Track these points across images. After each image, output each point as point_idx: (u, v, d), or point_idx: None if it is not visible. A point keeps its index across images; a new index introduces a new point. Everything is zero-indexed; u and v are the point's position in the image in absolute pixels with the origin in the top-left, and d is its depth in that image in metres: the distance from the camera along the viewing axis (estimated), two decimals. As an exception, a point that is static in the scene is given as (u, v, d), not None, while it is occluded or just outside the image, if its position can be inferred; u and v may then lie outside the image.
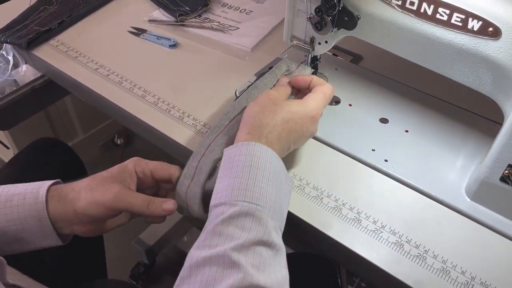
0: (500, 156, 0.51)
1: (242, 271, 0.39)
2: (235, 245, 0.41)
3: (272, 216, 0.45)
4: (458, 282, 0.49)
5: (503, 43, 0.46)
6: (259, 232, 0.43)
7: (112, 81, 0.73)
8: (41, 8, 0.88)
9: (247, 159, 0.48)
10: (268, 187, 0.46)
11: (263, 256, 0.42)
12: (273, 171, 0.48)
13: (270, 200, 0.46)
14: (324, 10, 0.55)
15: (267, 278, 0.41)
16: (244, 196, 0.45)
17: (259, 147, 0.49)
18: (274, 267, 0.42)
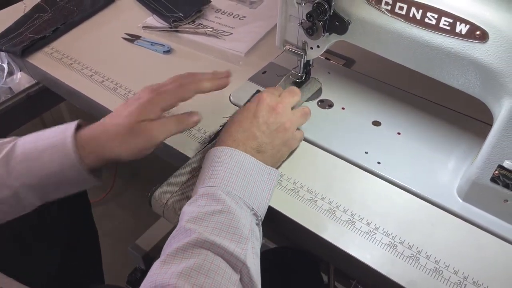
0: (490, 157, 0.52)
1: (194, 232, 0.44)
2: (189, 217, 0.46)
3: (227, 192, 0.49)
4: (450, 282, 0.50)
5: (490, 46, 0.47)
6: (213, 205, 0.48)
7: (107, 88, 0.74)
8: (36, 15, 0.88)
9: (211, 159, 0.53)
10: (225, 173, 0.51)
11: (219, 221, 0.46)
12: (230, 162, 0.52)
13: (226, 181, 0.50)
14: (315, 15, 0.56)
15: (220, 238, 0.45)
16: (203, 183, 0.51)
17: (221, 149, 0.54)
18: (235, 227, 0.46)
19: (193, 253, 0.43)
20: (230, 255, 0.44)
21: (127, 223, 1.48)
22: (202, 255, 0.43)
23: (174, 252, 0.43)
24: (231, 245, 0.45)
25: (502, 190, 0.53)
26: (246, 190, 0.51)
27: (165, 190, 0.56)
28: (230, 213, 0.47)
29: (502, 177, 0.52)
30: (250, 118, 0.57)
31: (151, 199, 0.56)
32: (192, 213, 0.47)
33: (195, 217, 0.46)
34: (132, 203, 1.54)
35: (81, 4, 0.93)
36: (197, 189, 0.51)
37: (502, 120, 0.49)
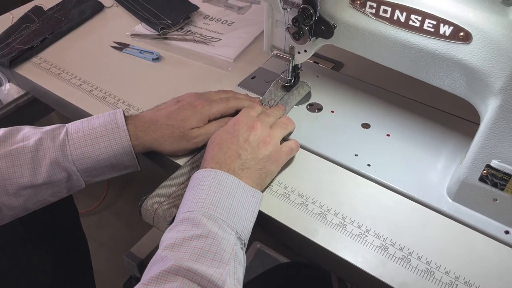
0: (477, 156, 0.52)
1: (171, 260, 0.43)
2: (167, 244, 0.46)
3: (209, 216, 0.49)
4: (442, 283, 0.50)
5: (474, 47, 0.48)
6: (192, 230, 0.47)
7: (96, 97, 0.74)
8: (23, 26, 0.88)
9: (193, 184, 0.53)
10: (204, 195, 0.50)
11: (197, 246, 0.45)
12: (212, 184, 0.52)
13: (207, 203, 0.49)
14: (301, 20, 0.57)
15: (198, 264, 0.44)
16: (183, 208, 0.50)
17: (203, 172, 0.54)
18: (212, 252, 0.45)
19: (167, 280, 0.42)
20: (207, 281, 0.42)
21: (121, 232, 1.47)
22: (177, 282, 0.42)
23: (147, 281, 0.42)
24: (209, 270, 0.43)
25: (491, 189, 0.53)
26: (230, 213, 0.50)
27: (154, 199, 0.56)
28: (209, 238, 0.46)
29: (491, 176, 0.52)
30: (229, 138, 0.57)
31: (141, 209, 0.56)
32: (170, 239, 0.46)
33: (172, 244, 0.45)
34: (125, 212, 1.53)
35: (69, 14, 0.92)
36: (179, 215, 0.51)
37: (488, 120, 0.50)
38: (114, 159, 0.58)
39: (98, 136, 0.57)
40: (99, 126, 0.58)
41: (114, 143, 0.57)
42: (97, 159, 0.58)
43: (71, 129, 0.58)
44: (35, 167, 0.56)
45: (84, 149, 0.57)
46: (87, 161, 0.57)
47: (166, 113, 0.61)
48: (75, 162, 0.57)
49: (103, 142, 0.57)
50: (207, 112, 0.62)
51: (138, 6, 0.94)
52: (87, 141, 0.57)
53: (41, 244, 0.76)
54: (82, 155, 0.57)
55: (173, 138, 0.60)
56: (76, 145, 0.57)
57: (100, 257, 1.14)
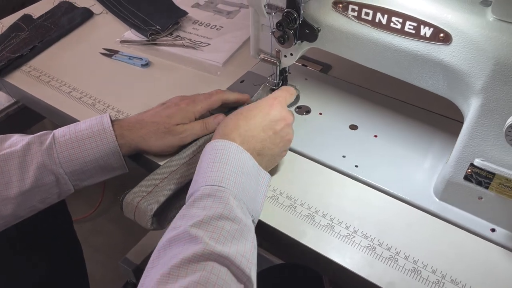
0: (461, 155, 0.53)
1: (200, 242, 0.42)
2: (194, 222, 0.44)
3: (235, 196, 0.48)
4: (429, 281, 0.50)
5: (454, 48, 0.48)
6: (219, 209, 0.46)
7: (85, 103, 0.74)
8: (13, 35, 0.88)
9: (214, 154, 0.52)
10: (231, 172, 0.50)
11: (225, 229, 0.45)
12: (237, 162, 0.51)
13: (233, 182, 0.49)
14: (285, 24, 0.57)
15: (227, 248, 0.43)
16: (206, 182, 0.49)
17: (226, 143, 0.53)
18: (237, 238, 0.45)
19: (199, 265, 0.42)
20: (236, 268, 0.43)
21: (116, 237, 1.47)
22: (209, 267, 0.42)
23: (179, 263, 0.42)
24: (238, 258, 0.43)
25: (476, 188, 0.53)
26: (249, 195, 0.50)
27: (136, 193, 0.56)
28: (235, 223, 0.46)
29: (475, 175, 0.53)
30: (261, 117, 0.57)
31: (122, 203, 0.56)
32: (197, 216, 0.45)
33: (200, 221, 0.45)
34: (121, 218, 1.51)
35: (58, 21, 0.93)
36: (200, 187, 0.49)
37: (470, 120, 0.50)
38: (101, 160, 0.59)
39: (84, 138, 0.58)
40: (86, 129, 0.58)
41: (100, 144, 0.58)
42: (84, 161, 0.58)
43: (57, 133, 0.58)
44: (22, 172, 0.56)
45: (71, 151, 0.57)
46: (74, 163, 0.58)
47: (152, 112, 0.63)
48: (62, 164, 0.57)
49: (90, 144, 0.58)
50: (192, 110, 0.63)
51: (128, 12, 0.95)
52: (74, 143, 0.57)
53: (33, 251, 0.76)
54: (69, 157, 0.57)
55: (158, 134, 0.61)
56: (63, 147, 0.57)
57: (96, 263, 1.14)
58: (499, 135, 0.48)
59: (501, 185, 0.51)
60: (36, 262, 0.76)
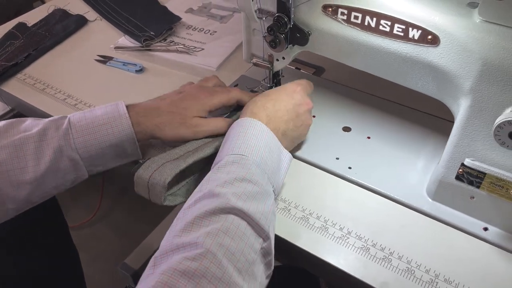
0: (453, 156, 0.53)
1: (223, 197, 0.46)
2: (218, 183, 0.48)
3: (257, 165, 0.52)
4: (422, 281, 0.51)
5: (442, 49, 0.49)
6: (242, 173, 0.50)
7: (80, 110, 0.74)
8: (8, 43, 0.89)
9: (240, 129, 0.56)
10: (255, 146, 0.53)
11: (247, 189, 0.48)
12: (262, 138, 0.55)
13: (256, 154, 0.53)
14: (276, 28, 0.58)
15: (248, 205, 0.47)
16: (231, 151, 0.53)
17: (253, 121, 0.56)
18: (258, 199, 0.48)
19: (221, 217, 0.45)
20: (256, 224, 0.46)
21: (115, 243, 1.47)
22: (230, 219, 0.45)
23: (202, 214, 0.44)
24: (257, 215, 0.46)
25: (468, 187, 0.54)
26: (271, 167, 0.54)
27: (147, 167, 0.57)
28: (257, 185, 0.49)
29: (466, 174, 0.53)
30: (286, 100, 0.61)
31: (135, 177, 0.57)
32: (221, 178, 0.49)
33: (224, 181, 0.48)
34: (119, 223, 1.53)
35: (52, 29, 0.93)
36: (224, 156, 0.53)
37: (460, 120, 0.51)
38: (117, 147, 0.59)
39: (100, 124, 0.58)
40: (101, 115, 0.58)
41: (116, 130, 0.58)
42: (100, 147, 0.58)
43: (73, 118, 0.58)
44: (38, 157, 0.56)
45: (87, 137, 0.57)
46: (90, 149, 0.58)
47: (169, 101, 0.63)
48: (79, 150, 0.57)
49: (106, 130, 0.58)
50: (209, 103, 0.64)
51: (122, 18, 0.95)
52: (90, 129, 0.58)
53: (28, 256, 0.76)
54: (85, 143, 0.57)
55: (173, 124, 0.61)
56: (79, 133, 0.57)
57: (94, 268, 1.14)
58: (489, 135, 0.49)
59: (492, 184, 0.52)
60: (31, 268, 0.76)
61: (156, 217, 1.42)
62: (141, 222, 1.49)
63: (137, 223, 1.51)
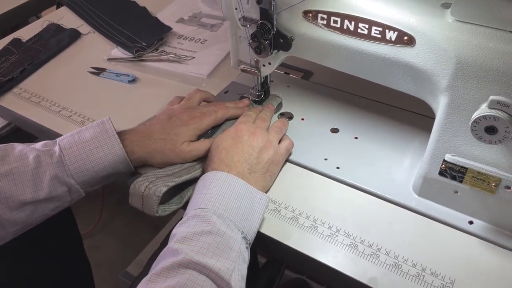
0: (435, 152, 0.55)
1: (181, 253, 0.46)
2: (177, 238, 0.49)
3: (218, 215, 0.52)
4: (409, 275, 0.52)
5: (418, 49, 0.51)
6: (202, 226, 0.50)
7: (75, 121, 0.76)
8: (3, 59, 0.91)
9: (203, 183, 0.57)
10: (217, 196, 0.54)
11: (206, 242, 0.48)
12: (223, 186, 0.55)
13: (218, 204, 0.53)
14: (259, 35, 0.60)
15: (206, 257, 0.47)
16: (194, 206, 0.54)
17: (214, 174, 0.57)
18: (220, 249, 0.48)
19: (178, 272, 0.45)
20: (215, 275, 0.46)
21: (116, 252, 1.49)
22: (187, 274, 0.45)
23: (159, 271, 0.45)
24: (217, 264, 0.46)
25: (451, 182, 0.55)
26: (238, 214, 0.53)
27: (142, 180, 0.59)
28: (218, 235, 0.49)
29: (449, 170, 0.55)
30: (235, 144, 0.61)
31: (130, 189, 0.59)
32: (182, 233, 0.49)
33: (183, 237, 0.49)
34: (120, 232, 1.55)
35: (47, 43, 0.95)
36: (190, 211, 0.54)
37: (440, 117, 0.53)
38: (110, 168, 0.61)
39: (92, 148, 0.60)
40: (91, 139, 0.60)
41: (108, 153, 0.60)
42: (94, 170, 0.60)
43: (63, 144, 0.60)
44: (36, 184, 0.58)
45: (81, 163, 0.59)
46: (85, 174, 0.60)
47: (160, 128, 0.65)
48: (74, 176, 0.59)
49: (98, 153, 0.60)
50: (199, 127, 0.66)
51: (114, 31, 0.97)
52: (82, 155, 0.59)
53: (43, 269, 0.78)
54: (79, 168, 0.59)
55: (164, 151, 0.63)
56: (72, 159, 0.59)
57: (97, 277, 1.15)
58: (467, 130, 0.50)
59: (474, 178, 0.53)
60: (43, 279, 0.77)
61: (156, 226, 1.43)
62: (141, 231, 1.51)
63: (137, 232, 1.52)
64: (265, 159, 0.61)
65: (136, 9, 1.04)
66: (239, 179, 0.57)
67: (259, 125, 0.66)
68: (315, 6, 0.56)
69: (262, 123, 0.67)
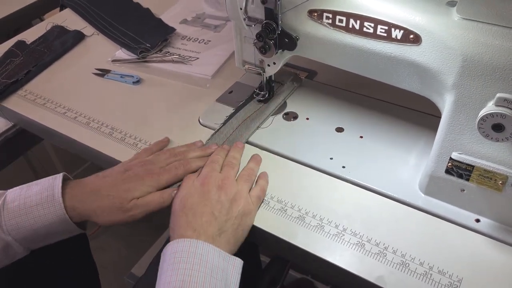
0: (441, 150, 0.55)
1: None
2: None
3: None
4: (417, 273, 0.52)
5: (424, 48, 0.51)
6: None
7: (80, 123, 0.76)
8: (8, 61, 0.91)
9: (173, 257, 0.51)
10: (190, 277, 0.49)
11: None
12: (198, 259, 0.50)
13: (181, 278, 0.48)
14: (264, 35, 0.60)
15: None
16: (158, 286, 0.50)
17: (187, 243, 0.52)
18: None
19: None
20: None
21: (121, 253, 1.49)
22: None
23: None
24: None
25: (457, 180, 0.55)
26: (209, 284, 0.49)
27: None
28: None
29: (455, 168, 0.55)
30: (202, 201, 0.56)
31: None
32: None
33: None
34: (124, 233, 1.55)
35: (51, 45, 0.96)
36: None
37: (446, 115, 0.53)
38: (50, 227, 0.57)
39: (32, 205, 0.56)
40: (35, 194, 0.57)
41: (48, 212, 0.56)
42: (32, 228, 0.57)
43: (9, 197, 0.58)
44: None
45: (18, 219, 0.56)
46: (22, 231, 0.57)
47: (111, 182, 0.60)
48: (10, 232, 0.56)
49: (37, 211, 0.56)
50: (155, 185, 0.60)
51: (118, 32, 0.97)
52: (21, 211, 0.56)
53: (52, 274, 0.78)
54: (16, 225, 0.56)
55: (111, 209, 0.58)
56: (11, 215, 0.56)
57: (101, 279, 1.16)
58: (474, 128, 0.50)
59: (481, 176, 0.53)
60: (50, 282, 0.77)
61: (159, 227, 1.43)
62: (145, 233, 1.51)
63: (141, 233, 1.52)
64: (235, 213, 0.56)
65: (139, 10, 1.04)
66: (210, 245, 0.52)
67: (226, 175, 0.60)
68: (320, 5, 0.56)
69: (230, 170, 0.61)
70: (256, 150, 0.69)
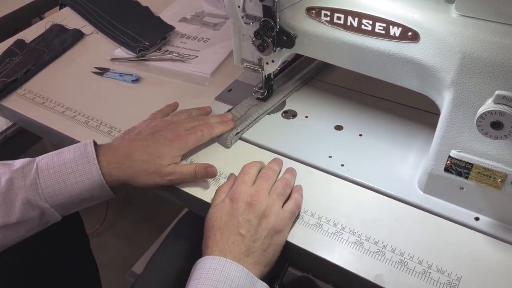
0: (440, 148, 0.54)
1: None
2: None
3: None
4: (415, 272, 0.52)
5: (422, 45, 0.50)
6: None
7: (79, 122, 0.76)
8: (7, 60, 0.91)
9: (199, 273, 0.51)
10: None
11: None
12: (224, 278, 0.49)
13: None
14: (263, 33, 0.59)
15: None
16: None
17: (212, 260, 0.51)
18: None
19: None
20: None
21: (122, 251, 1.49)
22: None
23: None
24: None
25: (456, 179, 0.55)
26: None
27: None
28: None
29: (454, 166, 0.54)
30: (229, 221, 0.54)
31: None
32: None
33: None
34: (126, 232, 1.55)
35: (50, 44, 0.96)
36: None
37: (445, 113, 0.52)
38: (87, 193, 0.59)
39: (69, 172, 0.57)
40: (70, 161, 0.58)
41: (85, 178, 0.58)
42: (69, 195, 0.58)
43: (41, 165, 0.58)
44: (7, 208, 0.56)
45: (56, 186, 0.57)
46: (60, 198, 0.58)
47: (141, 146, 0.61)
48: (48, 199, 0.57)
49: (74, 178, 0.57)
50: (183, 147, 0.63)
51: (117, 31, 0.97)
52: (58, 178, 0.57)
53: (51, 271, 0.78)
54: (54, 192, 0.57)
55: (147, 173, 0.60)
56: (48, 182, 0.57)
57: (102, 277, 1.16)
58: (473, 126, 0.50)
59: (480, 174, 0.53)
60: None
61: (160, 225, 1.44)
62: (145, 231, 1.51)
63: (142, 232, 1.52)
64: (265, 232, 0.54)
65: (138, 8, 1.04)
66: (236, 264, 0.51)
67: (258, 188, 0.57)
68: (318, 3, 0.55)
69: (264, 183, 0.58)
70: (254, 148, 0.69)
